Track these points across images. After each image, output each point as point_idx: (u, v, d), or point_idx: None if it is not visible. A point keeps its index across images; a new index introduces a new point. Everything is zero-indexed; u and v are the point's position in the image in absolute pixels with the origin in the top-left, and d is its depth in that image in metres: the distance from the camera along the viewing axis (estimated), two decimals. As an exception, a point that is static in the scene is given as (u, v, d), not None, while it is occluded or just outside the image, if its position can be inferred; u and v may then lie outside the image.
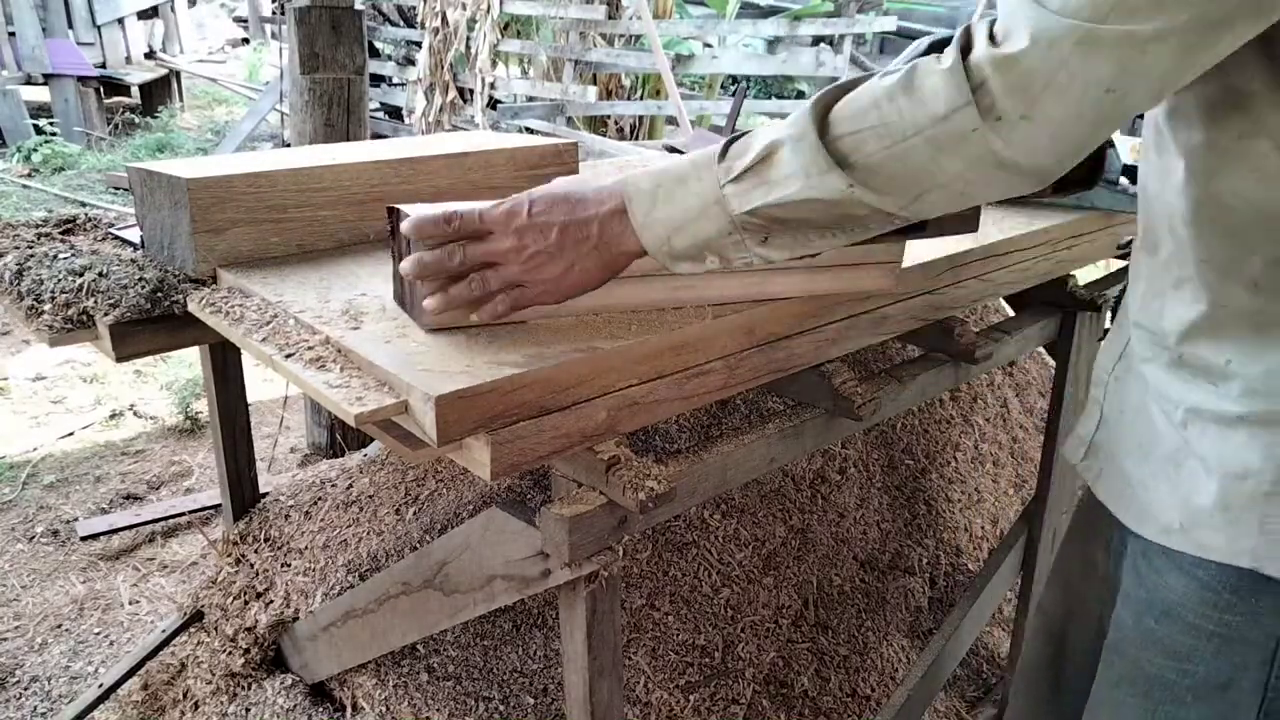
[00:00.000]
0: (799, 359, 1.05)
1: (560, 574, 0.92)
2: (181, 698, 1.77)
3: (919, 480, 2.07)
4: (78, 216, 1.30)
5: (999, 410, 2.34)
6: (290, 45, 2.46)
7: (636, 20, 6.65)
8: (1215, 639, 0.85)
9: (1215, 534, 0.83)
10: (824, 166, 0.68)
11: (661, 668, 1.53)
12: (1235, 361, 0.81)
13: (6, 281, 1.08)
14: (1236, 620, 0.84)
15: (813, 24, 6.76)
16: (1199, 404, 0.84)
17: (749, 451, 1.06)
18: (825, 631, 1.80)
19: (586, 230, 0.77)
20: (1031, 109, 0.63)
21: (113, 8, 9.09)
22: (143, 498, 2.93)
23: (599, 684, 0.99)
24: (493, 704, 1.43)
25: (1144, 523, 0.90)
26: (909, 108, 0.66)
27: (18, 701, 2.06)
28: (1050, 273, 1.46)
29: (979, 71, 0.64)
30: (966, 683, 2.08)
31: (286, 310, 0.91)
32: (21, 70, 8.01)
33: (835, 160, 0.68)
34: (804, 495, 1.83)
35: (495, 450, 0.78)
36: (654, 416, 0.91)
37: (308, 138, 2.52)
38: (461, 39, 7.04)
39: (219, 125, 9.14)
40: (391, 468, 1.65)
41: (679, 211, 0.74)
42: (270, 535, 1.64)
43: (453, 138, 1.44)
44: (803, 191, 0.69)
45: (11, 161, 7.11)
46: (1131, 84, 0.63)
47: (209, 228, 1.05)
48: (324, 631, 1.48)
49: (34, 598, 2.42)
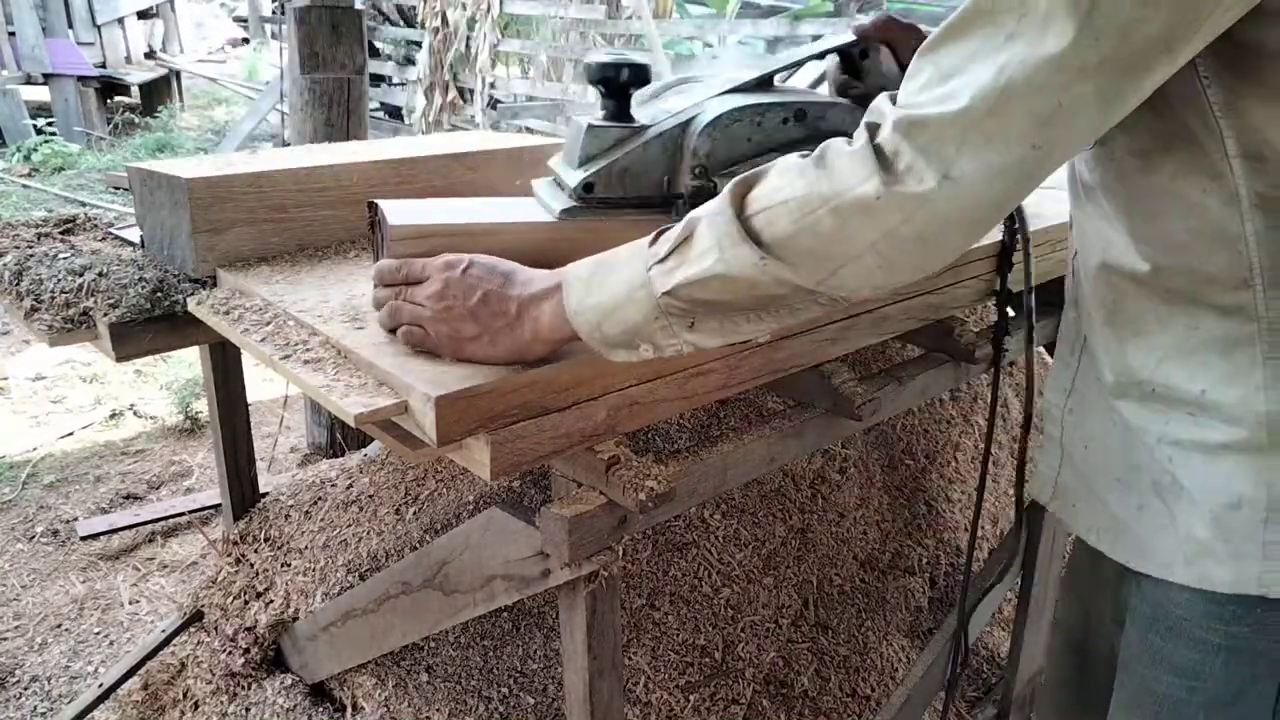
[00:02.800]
0: (799, 359, 1.05)
1: (560, 574, 0.92)
2: (181, 698, 1.77)
3: (919, 480, 2.07)
4: (78, 216, 1.30)
5: (999, 410, 2.34)
6: (290, 45, 2.46)
7: (636, 20, 6.65)
8: (1223, 652, 0.83)
9: (1219, 567, 0.81)
10: (736, 239, 0.67)
11: (661, 668, 1.53)
12: (1210, 389, 0.79)
13: (6, 281, 1.08)
14: (1244, 632, 0.82)
15: (813, 24, 6.76)
16: (1180, 436, 0.82)
17: (749, 451, 1.06)
18: (825, 631, 1.80)
19: (505, 306, 0.77)
20: (948, 171, 0.62)
21: (113, 8, 9.10)
22: (143, 498, 2.94)
23: (599, 684, 0.99)
24: (493, 704, 1.43)
25: (1143, 559, 0.88)
26: (817, 181, 0.65)
27: (18, 701, 2.06)
28: (1050, 273, 1.46)
29: (890, 143, 0.63)
30: (966, 683, 2.08)
31: (286, 310, 0.91)
32: (21, 70, 8.01)
33: (749, 235, 0.67)
34: (804, 495, 1.83)
35: (495, 450, 0.78)
36: (654, 416, 0.92)
37: (308, 138, 2.52)
38: (461, 39, 7.05)
39: (219, 125, 9.14)
40: (391, 468, 1.65)
41: (608, 297, 0.73)
42: (270, 535, 1.64)
43: (453, 138, 1.44)
44: (716, 266, 0.68)
45: (11, 161, 7.11)
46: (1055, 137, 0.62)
47: (209, 228, 1.05)
48: (324, 631, 1.48)
49: (34, 598, 2.42)
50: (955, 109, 0.61)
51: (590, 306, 0.74)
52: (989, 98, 0.60)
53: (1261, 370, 0.77)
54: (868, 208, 0.63)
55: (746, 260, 0.67)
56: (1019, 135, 0.61)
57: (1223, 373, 0.78)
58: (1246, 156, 0.71)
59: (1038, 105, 0.60)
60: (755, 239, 0.67)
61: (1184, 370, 0.81)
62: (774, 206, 0.67)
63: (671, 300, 0.70)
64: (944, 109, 0.61)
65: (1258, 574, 0.79)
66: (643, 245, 0.73)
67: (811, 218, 0.65)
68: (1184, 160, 0.74)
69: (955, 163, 0.61)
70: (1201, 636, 0.84)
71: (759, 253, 0.67)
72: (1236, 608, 0.82)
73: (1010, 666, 1.90)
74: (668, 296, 0.70)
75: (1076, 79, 0.60)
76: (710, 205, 0.71)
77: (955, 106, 0.61)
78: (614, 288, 0.73)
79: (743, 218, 0.68)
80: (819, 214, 0.65)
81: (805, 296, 0.70)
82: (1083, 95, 0.60)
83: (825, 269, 0.67)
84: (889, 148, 0.63)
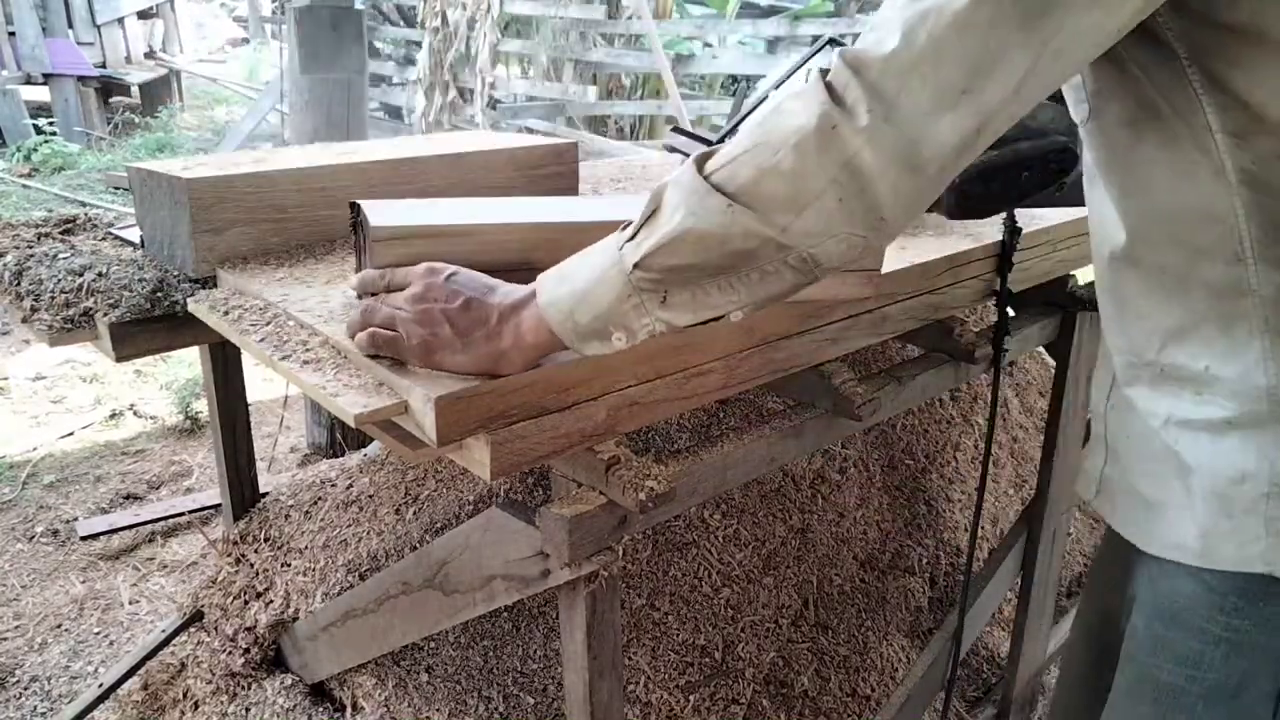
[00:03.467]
0: (798, 359, 1.05)
1: (560, 574, 0.92)
2: (181, 698, 1.77)
3: (919, 480, 2.07)
4: (78, 216, 1.30)
5: (999, 410, 2.34)
6: (290, 45, 2.47)
7: (636, 20, 6.65)
8: (1224, 644, 0.84)
9: (1224, 543, 0.82)
10: (703, 192, 0.68)
11: (661, 668, 1.53)
12: (1213, 365, 0.80)
13: (6, 281, 1.08)
14: (1245, 625, 0.83)
15: (813, 24, 6.76)
16: (1186, 415, 0.84)
17: (749, 451, 1.06)
18: (825, 631, 1.80)
19: (486, 313, 0.77)
20: (891, 108, 0.64)
21: (113, 7, 9.09)
22: (143, 498, 2.94)
23: (599, 684, 0.99)
24: (493, 704, 1.43)
25: (1154, 542, 0.89)
26: (775, 126, 0.67)
27: (18, 701, 2.06)
28: (1050, 273, 1.46)
29: (839, 78, 0.66)
30: (966, 683, 2.08)
31: (286, 310, 0.91)
32: (21, 70, 8.01)
33: (715, 188, 0.69)
34: (804, 495, 1.83)
35: (495, 450, 0.78)
36: (654, 416, 0.92)
37: (308, 138, 2.53)
38: (461, 39, 7.05)
39: (219, 125, 9.14)
40: (391, 468, 1.65)
41: (581, 283, 0.73)
42: (270, 535, 1.64)
43: (453, 138, 1.44)
44: (685, 221, 0.68)
45: (11, 161, 7.11)
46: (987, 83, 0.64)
47: (209, 228, 1.05)
48: (324, 631, 1.48)
49: (34, 598, 2.42)
50: (892, 49, 0.64)
51: (562, 296, 0.74)
52: (922, 41, 0.63)
53: (1260, 343, 0.78)
54: (823, 137, 0.65)
55: (714, 209, 0.68)
56: (951, 80, 0.63)
57: (1223, 348, 0.79)
58: (1228, 133, 0.72)
59: (967, 49, 0.63)
60: (721, 190, 0.68)
61: (1187, 349, 0.82)
62: (737, 158, 0.68)
63: (643, 274, 0.71)
64: (884, 49, 0.64)
65: (1261, 551, 0.80)
66: (615, 235, 0.74)
67: (774, 159, 0.67)
68: (1171, 131, 0.75)
69: (896, 102, 0.64)
70: (1203, 627, 0.85)
71: (725, 199, 0.68)
72: (1239, 600, 0.83)
73: (1010, 666, 1.90)
74: (639, 270, 0.70)
75: (998, 20, 0.62)
76: (674, 172, 0.72)
77: (893, 47, 0.64)
78: (586, 273, 0.73)
79: (705, 174, 0.69)
80: (780, 155, 0.66)
81: (775, 253, 0.70)
82: (1008, 37, 0.62)
83: (790, 210, 0.68)
84: (838, 83, 0.66)
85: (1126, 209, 0.82)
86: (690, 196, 0.69)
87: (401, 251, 0.84)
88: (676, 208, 0.69)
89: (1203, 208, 0.75)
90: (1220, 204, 0.74)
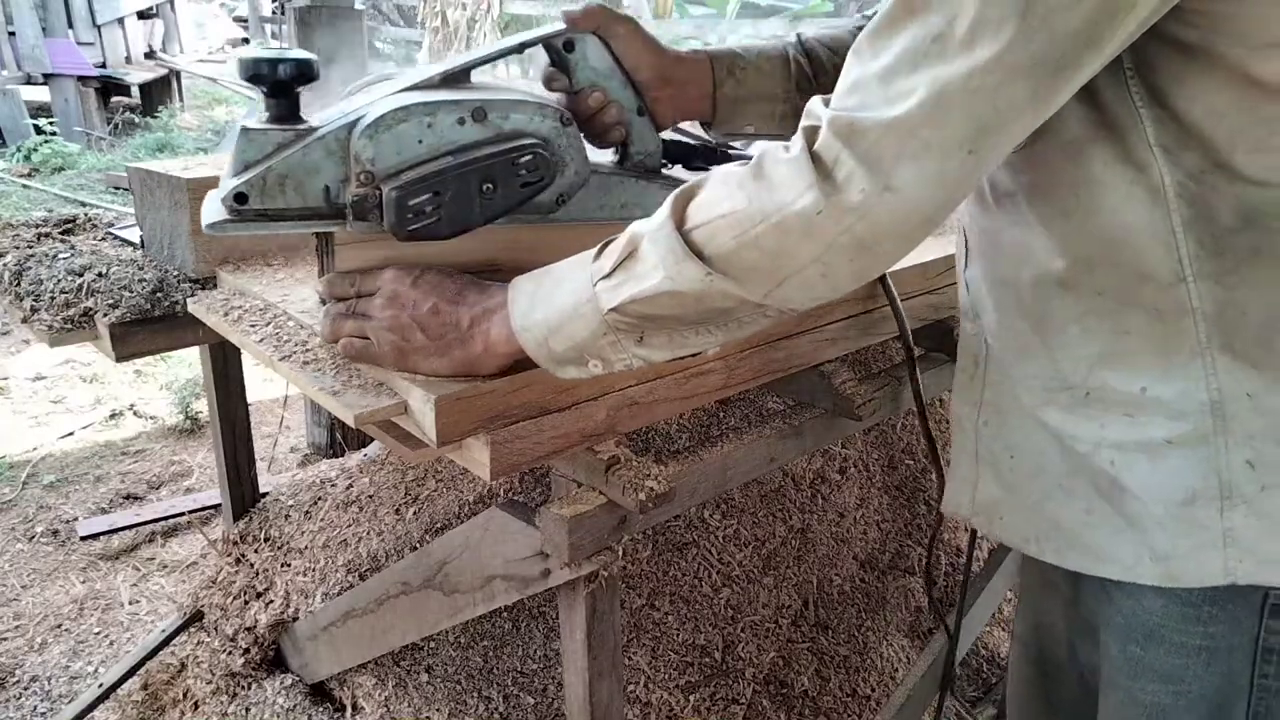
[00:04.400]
0: (798, 359, 1.05)
1: (560, 574, 0.92)
2: (181, 698, 1.77)
3: (919, 480, 2.07)
4: (78, 216, 1.30)
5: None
6: (290, 45, 2.46)
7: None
8: (1203, 653, 0.83)
9: (1184, 563, 0.80)
10: (680, 255, 0.67)
11: (661, 668, 1.53)
12: (1150, 387, 0.78)
13: (6, 281, 1.08)
14: (1221, 631, 0.82)
15: (813, 24, 6.76)
16: (1120, 438, 0.80)
17: (749, 451, 1.06)
18: (825, 631, 1.80)
19: (456, 317, 0.77)
20: (889, 181, 0.61)
21: (113, 8, 9.09)
22: (143, 498, 2.94)
23: (599, 684, 0.99)
24: (493, 704, 1.43)
25: (1102, 564, 0.86)
26: (756, 195, 0.65)
27: (18, 701, 2.06)
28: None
29: (828, 150, 0.63)
30: (966, 683, 2.08)
31: (286, 310, 0.91)
32: (21, 70, 8.00)
33: (692, 251, 0.67)
34: (804, 495, 1.83)
35: (495, 450, 0.78)
36: (654, 416, 0.92)
37: (308, 138, 2.52)
38: (462, 39, 7.05)
39: (219, 125, 9.14)
40: (391, 468, 1.65)
41: (555, 313, 0.72)
42: (270, 535, 1.64)
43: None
44: (664, 284, 0.67)
45: (11, 161, 7.11)
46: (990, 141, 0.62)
47: (209, 228, 1.05)
48: (324, 631, 1.48)
49: (34, 598, 2.42)
50: (891, 115, 0.60)
51: (536, 323, 0.73)
52: (925, 104, 0.60)
53: (1201, 360, 0.76)
54: (809, 222, 0.63)
55: (693, 276, 0.67)
56: (956, 141, 0.61)
57: (1161, 369, 0.77)
58: (1165, 147, 0.71)
59: (974, 110, 0.60)
60: (699, 254, 0.67)
61: (1120, 372, 0.79)
62: (714, 220, 0.66)
63: (619, 316, 0.70)
64: (880, 114, 0.61)
65: (1222, 564, 0.78)
66: (586, 259, 0.73)
67: (754, 233, 0.65)
68: (1111, 148, 0.73)
69: (894, 171, 0.61)
70: (1180, 641, 0.83)
71: (704, 268, 0.66)
72: (1211, 608, 0.81)
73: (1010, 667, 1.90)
74: (615, 313, 0.70)
75: (1009, 80, 0.59)
76: (652, 220, 0.70)
77: (892, 113, 0.60)
78: (560, 303, 0.72)
79: (684, 231, 0.68)
80: (760, 229, 0.65)
81: (752, 309, 0.70)
82: (1017, 96, 0.60)
83: (770, 282, 0.67)
84: (828, 156, 0.63)
85: (1065, 233, 0.79)
86: (668, 256, 0.67)
87: (366, 254, 0.83)
88: (655, 266, 0.68)
89: (1143, 227, 0.74)
90: (1160, 223, 0.73)
